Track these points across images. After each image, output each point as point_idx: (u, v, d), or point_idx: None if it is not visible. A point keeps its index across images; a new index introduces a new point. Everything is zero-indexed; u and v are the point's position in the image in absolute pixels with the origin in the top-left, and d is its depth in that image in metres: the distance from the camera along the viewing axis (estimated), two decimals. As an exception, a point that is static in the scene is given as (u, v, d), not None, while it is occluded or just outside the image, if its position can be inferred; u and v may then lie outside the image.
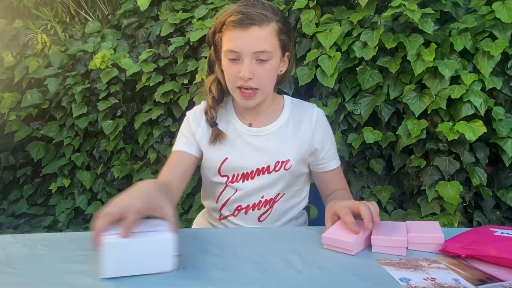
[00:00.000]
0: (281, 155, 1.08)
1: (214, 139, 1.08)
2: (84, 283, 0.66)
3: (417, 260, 0.76)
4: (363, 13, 1.88)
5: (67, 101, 2.53)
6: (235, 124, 1.11)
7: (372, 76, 1.85)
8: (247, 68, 0.98)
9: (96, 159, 2.60)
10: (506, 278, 0.67)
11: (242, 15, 0.97)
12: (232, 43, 0.99)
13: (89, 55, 2.53)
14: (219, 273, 0.70)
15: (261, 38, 0.98)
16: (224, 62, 1.03)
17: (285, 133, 1.11)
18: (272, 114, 1.13)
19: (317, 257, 0.78)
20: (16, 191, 2.80)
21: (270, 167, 1.08)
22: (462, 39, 1.72)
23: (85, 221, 2.63)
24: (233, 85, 1.03)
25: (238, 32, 0.98)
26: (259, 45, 0.98)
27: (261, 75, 1.00)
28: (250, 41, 0.97)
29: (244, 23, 0.97)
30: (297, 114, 1.14)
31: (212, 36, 1.06)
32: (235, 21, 0.97)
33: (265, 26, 0.98)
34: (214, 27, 1.04)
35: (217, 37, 1.04)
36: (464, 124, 1.68)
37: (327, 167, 1.16)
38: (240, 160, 1.08)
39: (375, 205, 0.86)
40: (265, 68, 1.00)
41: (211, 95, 1.11)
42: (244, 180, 1.09)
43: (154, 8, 2.53)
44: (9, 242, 0.84)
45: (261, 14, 0.98)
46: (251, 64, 0.99)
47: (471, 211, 1.88)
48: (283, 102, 1.16)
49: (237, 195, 1.09)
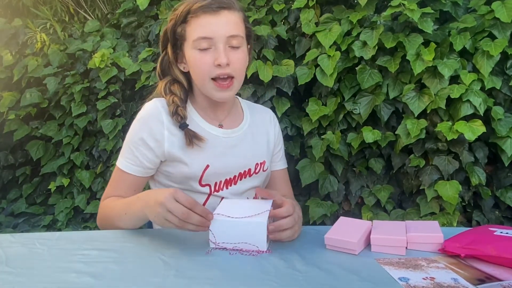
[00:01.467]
0: (258, 157, 1.07)
1: (190, 142, 0.96)
2: (83, 282, 0.66)
3: (416, 260, 0.76)
4: (363, 12, 1.88)
5: (66, 100, 2.52)
6: (203, 127, 1.03)
7: (371, 75, 1.85)
8: (224, 53, 0.92)
9: (95, 158, 2.60)
10: (505, 278, 0.67)
11: (210, 0, 0.93)
12: (203, 29, 0.92)
13: (89, 54, 2.53)
14: (218, 273, 0.70)
15: (233, 22, 0.95)
16: (192, 54, 0.95)
17: (254, 133, 1.09)
18: (237, 114, 1.10)
19: (316, 256, 0.78)
20: (15, 190, 2.79)
21: (251, 170, 1.06)
22: (461, 38, 1.72)
23: (84, 220, 2.63)
24: (206, 77, 0.95)
25: (208, 17, 0.92)
26: (233, 29, 0.94)
27: (235, 61, 0.95)
28: (223, 24, 0.93)
29: (214, 7, 0.92)
30: (256, 115, 1.13)
31: (172, 30, 0.98)
32: (203, 5, 0.92)
33: (233, 10, 0.95)
34: (174, 20, 0.97)
35: (179, 29, 0.96)
36: (464, 123, 1.68)
37: (276, 166, 1.16)
38: (224, 166, 1.02)
39: (299, 216, 0.86)
40: (239, 54, 0.96)
41: (174, 95, 1.00)
42: (227, 186, 1.04)
43: (153, 7, 2.53)
44: (8, 241, 0.83)
45: (229, 0, 0.95)
46: (226, 50, 0.93)
47: (470, 211, 1.88)
48: (239, 102, 1.14)
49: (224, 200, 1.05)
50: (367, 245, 0.83)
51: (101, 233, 0.94)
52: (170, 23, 0.99)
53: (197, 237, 0.86)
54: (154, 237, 0.89)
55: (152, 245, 0.84)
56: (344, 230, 0.83)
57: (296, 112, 2.13)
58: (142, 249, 0.82)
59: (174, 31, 0.98)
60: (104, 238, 0.88)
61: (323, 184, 2.00)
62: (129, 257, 0.77)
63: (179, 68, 1.03)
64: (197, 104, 1.06)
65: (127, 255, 0.78)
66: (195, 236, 0.88)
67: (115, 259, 0.75)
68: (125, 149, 1.01)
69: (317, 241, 0.85)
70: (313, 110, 1.95)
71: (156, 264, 0.73)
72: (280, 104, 2.03)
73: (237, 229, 0.80)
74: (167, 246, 0.82)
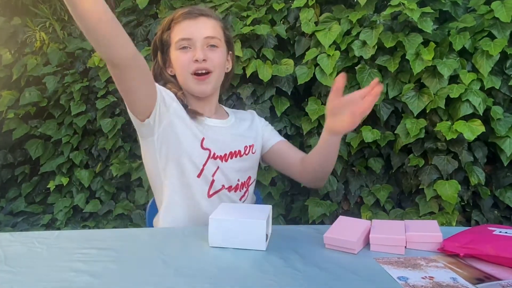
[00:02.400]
0: (246, 140, 1.16)
1: (193, 115, 1.08)
2: (82, 281, 0.66)
3: (415, 259, 0.76)
4: (362, 12, 1.88)
5: (65, 99, 2.52)
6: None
7: (371, 75, 1.85)
8: (201, 50, 1.05)
9: (94, 157, 2.60)
10: (504, 277, 0.67)
11: (190, 8, 1.09)
12: (183, 32, 1.06)
13: (88, 53, 2.53)
14: (217, 271, 0.70)
15: (210, 26, 1.08)
16: (174, 54, 1.09)
17: (241, 126, 1.19)
18: (223, 114, 1.21)
19: (315, 255, 0.78)
20: (14, 189, 2.79)
21: (241, 151, 1.14)
22: (461, 38, 1.72)
23: (83, 219, 2.63)
24: (186, 73, 1.07)
25: (188, 22, 1.07)
26: (209, 31, 1.07)
27: (213, 58, 1.07)
28: (200, 27, 1.07)
29: (194, 14, 1.07)
30: (240, 115, 1.25)
31: (160, 38, 1.12)
32: (184, 13, 1.07)
33: (211, 18, 1.10)
34: (161, 29, 1.12)
35: (165, 36, 1.10)
36: (463, 123, 1.68)
37: (275, 139, 1.23)
38: (216, 141, 1.10)
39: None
40: (216, 53, 1.08)
41: (169, 89, 1.10)
42: (222, 160, 1.10)
43: (153, 6, 2.53)
44: (7, 240, 0.83)
45: (208, 11, 1.11)
46: (204, 49, 1.06)
47: (469, 210, 1.89)
48: (223, 108, 1.25)
49: (219, 172, 1.09)
50: (366, 244, 0.83)
51: (100, 232, 0.94)
52: (158, 33, 1.13)
53: (197, 236, 0.86)
54: (153, 236, 0.89)
55: (151, 244, 0.84)
56: (343, 229, 0.83)
57: (296, 112, 2.13)
58: (141, 248, 0.82)
59: (161, 39, 1.12)
60: (103, 237, 0.88)
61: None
62: (128, 256, 0.77)
63: (168, 72, 1.14)
64: (187, 100, 1.14)
65: (126, 254, 0.78)
66: (194, 235, 0.88)
67: (114, 258, 0.75)
68: None
69: (316, 240, 0.85)
70: (313, 109, 1.95)
71: (155, 263, 0.73)
72: (279, 104, 2.03)
73: (235, 229, 0.80)
74: (166, 245, 0.82)
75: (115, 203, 2.56)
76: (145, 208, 2.54)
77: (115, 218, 2.51)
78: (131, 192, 2.54)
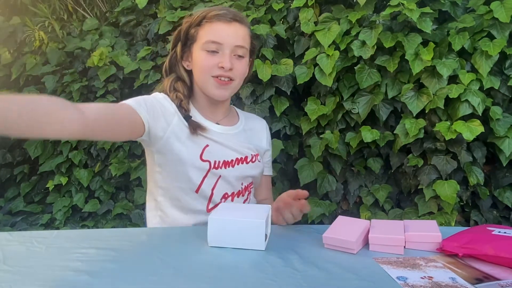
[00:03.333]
0: (252, 150, 1.15)
1: (194, 131, 1.04)
2: (80, 280, 0.66)
3: (415, 259, 0.76)
4: (362, 12, 1.88)
5: (64, 98, 2.51)
6: (202, 122, 1.10)
7: (370, 75, 1.85)
8: (229, 59, 1.03)
9: (93, 157, 2.59)
10: (503, 277, 0.67)
11: (226, 11, 1.05)
12: (214, 34, 1.03)
13: (87, 53, 2.52)
14: (216, 271, 0.70)
15: (241, 34, 1.06)
16: (199, 54, 1.05)
17: (249, 134, 1.19)
18: (233, 117, 1.20)
19: (315, 255, 0.78)
20: (13, 188, 2.79)
21: (248, 157, 1.13)
22: (460, 38, 1.72)
23: (82, 219, 2.63)
24: (208, 75, 1.05)
25: (221, 25, 1.03)
26: (240, 40, 1.05)
27: (238, 68, 1.06)
28: (233, 34, 1.04)
29: (228, 17, 1.03)
30: (251, 121, 1.24)
31: (186, 31, 1.08)
32: (219, 14, 1.03)
33: (243, 25, 1.07)
34: (189, 22, 1.08)
35: (192, 31, 1.07)
36: (462, 123, 1.68)
37: (265, 171, 1.24)
38: (221, 149, 1.09)
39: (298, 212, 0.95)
40: (241, 63, 1.07)
41: (177, 92, 1.08)
42: (226, 167, 1.09)
43: (152, 5, 2.52)
44: (6, 240, 0.83)
45: (242, 16, 1.07)
46: (231, 57, 1.04)
47: (468, 210, 1.89)
48: (235, 109, 1.25)
49: (221, 182, 1.07)
50: (365, 244, 0.83)
51: (99, 232, 0.94)
52: (185, 25, 1.08)
53: (196, 236, 0.86)
54: (152, 235, 0.89)
55: (150, 244, 0.83)
56: (342, 229, 0.83)
57: (295, 112, 2.13)
58: (140, 247, 0.82)
59: (187, 32, 1.08)
60: (102, 236, 0.87)
61: (322, 184, 2.00)
62: (126, 255, 0.77)
63: (183, 65, 1.11)
64: (197, 103, 1.13)
65: (125, 253, 0.78)
66: (193, 234, 0.88)
67: (113, 257, 0.75)
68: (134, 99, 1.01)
69: (315, 240, 0.85)
70: (312, 109, 1.95)
71: (154, 263, 0.73)
72: (278, 103, 2.03)
73: (235, 229, 0.80)
74: (164, 245, 0.82)
75: (114, 203, 2.55)
76: (144, 207, 2.54)
77: (114, 217, 2.51)
78: (130, 191, 2.54)
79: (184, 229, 0.97)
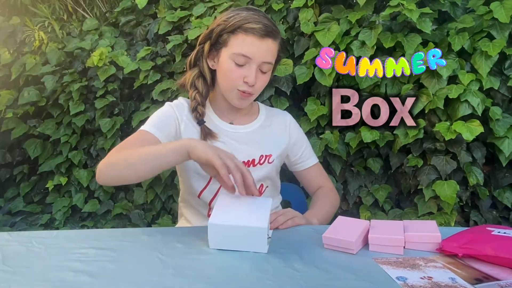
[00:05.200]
0: (264, 149, 1.15)
1: (204, 138, 1.08)
2: (80, 280, 0.66)
3: (414, 259, 0.76)
4: (362, 12, 1.88)
5: (64, 98, 2.51)
6: (216, 122, 1.14)
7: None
8: (255, 75, 1.04)
9: (93, 157, 2.59)
10: (503, 277, 0.67)
11: (262, 25, 1.02)
12: (246, 48, 1.02)
13: (87, 53, 2.52)
14: (216, 272, 0.70)
15: (271, 51, 1.06)
16: (226, 62, 1.05)
17: (265, 132, 1.18)
18: (251, 115, 1.20)
19: (314, 256, 0.78)
20: (13, 188, 2.78)
21: (255, 160, 1.13)
22: (460, 38, 1.72)
23: (82, 219, 2.63)
24: (233, 87, 1.06)
25: (255, 39, 1.02)
26: (268, 57, 1.05)
27: (261, 82, 1.08)
28: (263, 51, 1.04)
29: (263, 33, 1.02)
30: (272, 117, 1.23)
31: (219, 33, 1.06)
32: (255, 28, 1.02)
33: (276, 40, 1.06)
34: (223, 25, 1.05)
35: (225, 36, 1.05)
36: (462, 123, 1.68)
37: (305, 165, 1.25)
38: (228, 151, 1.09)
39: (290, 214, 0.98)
40: (264, 78, 1.08)
41: (197, 91, 1.11)
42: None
43: (152, 6, 2.52)
44: (5, 240, 0.83)
45: (276, 29, 1.05)
46: (257, 72, 1.05)
47: (467, 211, 1.89)
48: (257, 106, 1.25)
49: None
50: (365, 244, 0.83)
51: (99, 232, 0.94)
52: (219, 27, 1.06)
53: (196, 236, 0.86)
54: (152, 236, 0.89)
55: (150, 244, 0.83)
56: (342, 229, 0.83)
57: (295, 112, 2.13)
58: (140, 247, 0.82)
59: (219, 35, 1.07)
60: (101, 236, 0.88)
61: (321, 184, 1.99)
62: (126, 255, 0.77)
63: (208, 63, 1.12)
64: (215, 102, 1.16)
65: (125, 253, 0.78)
66: (193, 235, 0.88)
67: (113, 258, 0.75)
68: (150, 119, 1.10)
69: (315, 240, 0.85)
70: (312, 109, 1.95)
71: (154, 263, 0.73)
72: (278, 104, 2.03)
73: (236, 234, 0.79)
74: (164, 245, 0.82)
75: (113, 203, 2.55)
76: (143, 208, 2.54)
77: (113, 218, 2.51)
78: (129, 192, 2.54)
79: (184, 229, 0.98)
